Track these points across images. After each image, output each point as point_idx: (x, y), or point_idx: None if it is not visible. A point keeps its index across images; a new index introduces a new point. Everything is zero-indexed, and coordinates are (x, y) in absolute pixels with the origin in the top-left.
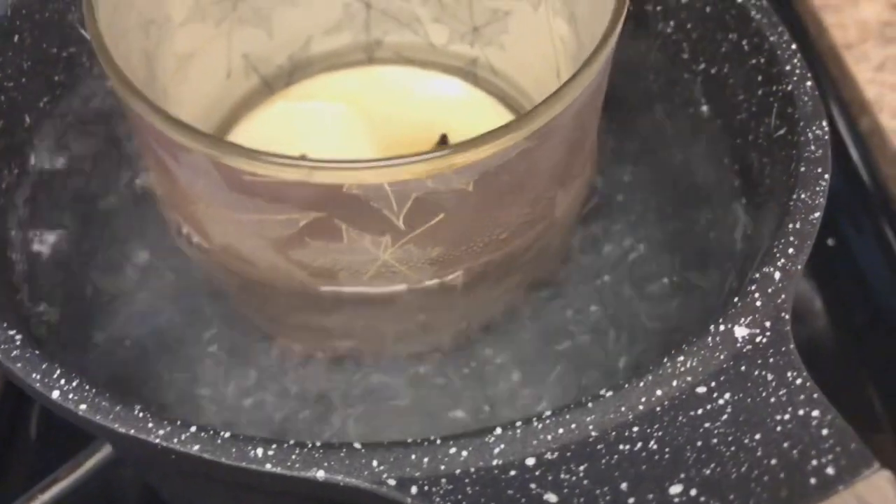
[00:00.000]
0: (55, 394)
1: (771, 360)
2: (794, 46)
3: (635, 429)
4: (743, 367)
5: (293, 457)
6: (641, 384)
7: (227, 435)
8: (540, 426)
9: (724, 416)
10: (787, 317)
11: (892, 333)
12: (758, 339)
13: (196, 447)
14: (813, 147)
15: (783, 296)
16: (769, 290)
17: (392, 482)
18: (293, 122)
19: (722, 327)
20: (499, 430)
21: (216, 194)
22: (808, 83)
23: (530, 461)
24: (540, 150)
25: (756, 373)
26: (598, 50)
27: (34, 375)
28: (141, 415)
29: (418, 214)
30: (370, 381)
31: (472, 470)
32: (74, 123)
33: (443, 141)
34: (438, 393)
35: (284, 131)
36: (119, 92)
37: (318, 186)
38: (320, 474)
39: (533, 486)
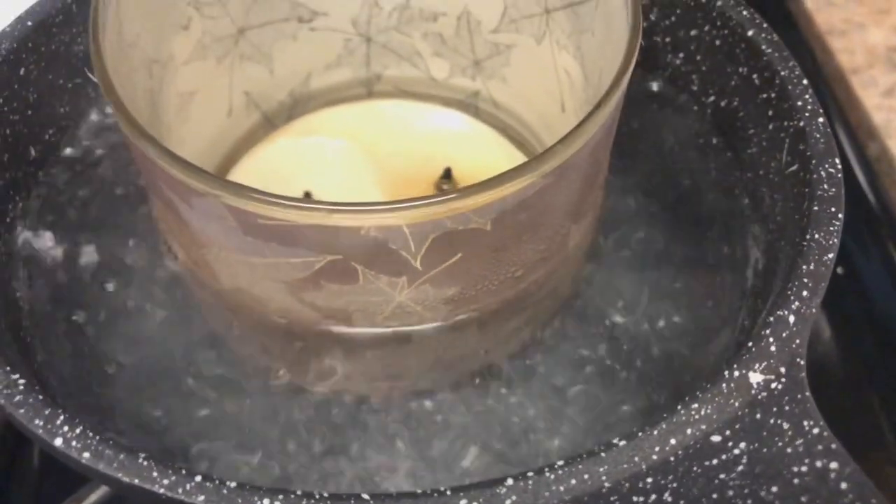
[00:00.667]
0: (58, 441)
1: (787, 408)
2: (805, 82)
3: (649, 479)
4: (758, 416)
5: None
6: (655, 433)
7: (233, 485)
8: (552, 476)
9: (740, 467)
10: (802, 362)
11: None
12: (773, 386)
13: (201, 497)
14: (826, 185)
15: (798, 340)
16: (784, 335)
17: None
18: (295, 157)
19: (736, 373)
20: (510, 481)
21: (229, 238)
22: (821, 119)
23: None
24: (556, 187)
25: (772, 421)
26: (613, 88)
27: (37, 421)
28: (145, 463)
29: (436, 255)
30: (378, 420)
31: None
32: (80, 156)
33: (447, 175)
34: (448, 431)
35: (287, 167)
36: (131, 137)
37: (336, 229)
38: None
39: None
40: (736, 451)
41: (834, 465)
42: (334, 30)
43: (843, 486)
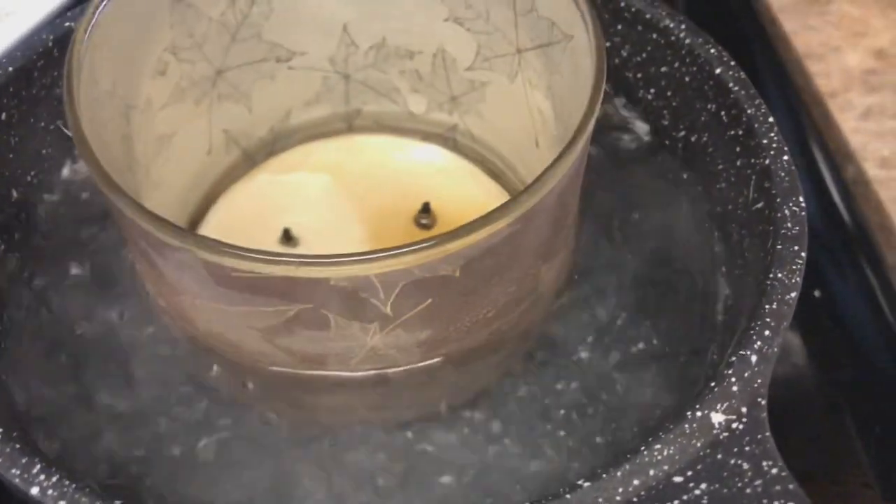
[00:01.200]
0: (34, 490)
1: (747, 448)
2: (770, 119)
3: None
4: (719, 456)
5: None
6: (619, 474)
7: None
8: None
9: None
10: (763, 402)
11: (877, 382)
12: (734, 426)
13: None
14: (790, 224)
15: (760, 380)
16: (745, 375)
17: None
18: (276, 194)
19: (699, 413)
20: None
21: (202, 288)
22: (786, 157)
23: None
24: (524, 232)
25: (732, 461)
26: (576, 137)
27: (13, 470)
28: None
29: (406, 301)
30: (358, 453)
31: None
32: (62, 199)
33: (425, 209)
34: (425, 465)
35: (267, 204)
36: (104, 190)
37: (306, 281)
38: None
39: None
40: (697, 492)
41: None
42: (312, 68)
43: None
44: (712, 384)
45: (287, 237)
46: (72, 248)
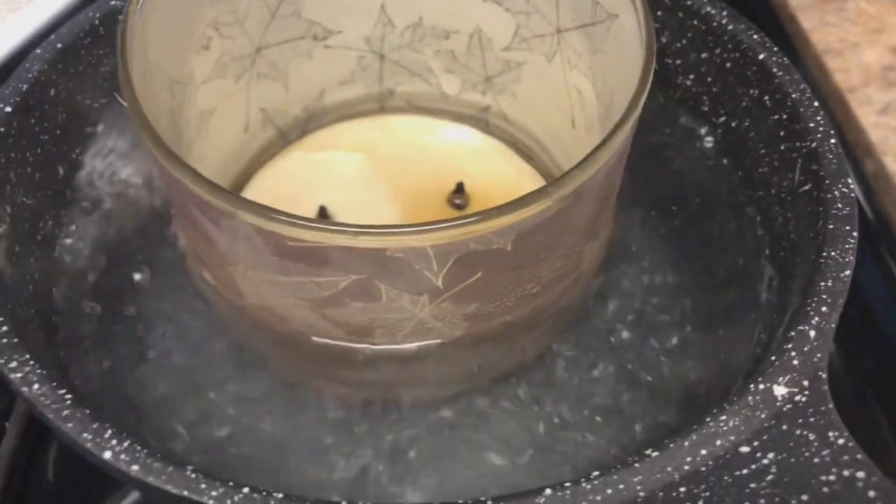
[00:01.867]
0: (107, 454)
1: (811, 419)
2: (816, 104)
3: (682, 489)
4: (784, 427)
5: None
6: (686, 443)
7: (280, 496)
8: (588, 487)
9: (770, 477)
10: (824, 376)
11: None
12: (797, 399)
13: None
14: (840, 204)
15: (819, 354)
16: (805, 349)
17: None
18: (310, 172)
19: (761, 386)
20: (549, 491)
21: (256, 258)
22: (832, 140)
23: None
24: (573, 208)
25: (798, 432)
26: (629, 112)
27: (85, 435)
28: (193, 476)
29: (457, 273)
30: (403, 427)
31: None
32: (107, 174)
33: (459, 189)
34: (470, 440)
35: (302, 182)
36: (160, 159)
37: (363, 251)
38: None
39: None
40: (765, 462)
41: (861, 474)
42: (348, 47)
43: (871, 494)
44: (773, 358)
45: (322, 214)
46: (119, 224)
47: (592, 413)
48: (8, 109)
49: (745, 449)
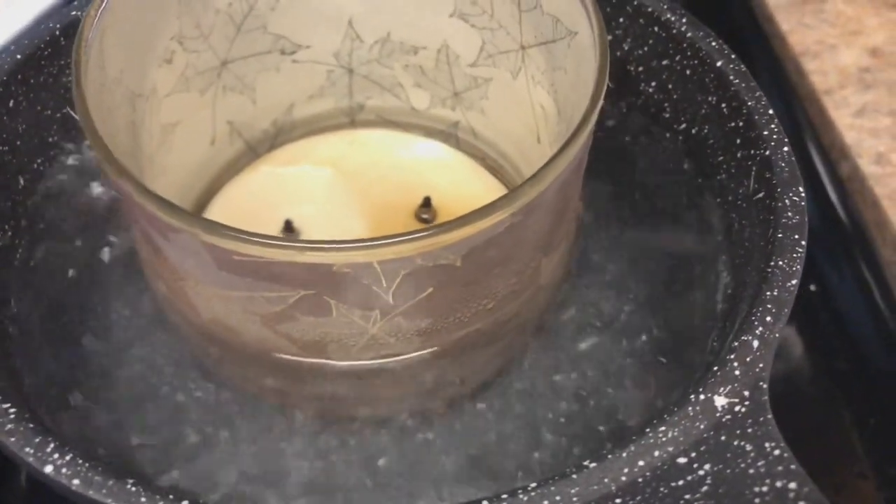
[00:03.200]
0: (48, 468)
1: (749, 430)
2: (770, 112)
3: (618, 500)
4: (723, 437)
5: None
6: (624, 455)
7: None
8: (525, 498)
9: (705, 488)
10: (764, 385)
11: (874, 376)
12: (737, 409)
13: None
14: (790, 213)
15: (761, 364)
16: (748, 359)
17: None
18: (278, 186)
19: (702, 396)
20: (485, 503)
21: (205, 272)
22: (786, 149)
23: None
24: (525, 224)
25: (735, 443)
26: (579, 130)
27: (27, 449)
28: (133, 489)
29: (407, 289)
30: (365, 441)
31: None
32: (67, 186)
33: (426, 203)
34: (427, 449)
35: (269, 196)
36: (109, 173)
37: (308, 265)
38: None
39: None
40: (701, 472)
41: (793, 485)
42: (317, 62)
43: None
44: (715, 368)
45: (288, 229)
46: (78, 237)
47: (556, 421)
48: None
49: (682, 460)
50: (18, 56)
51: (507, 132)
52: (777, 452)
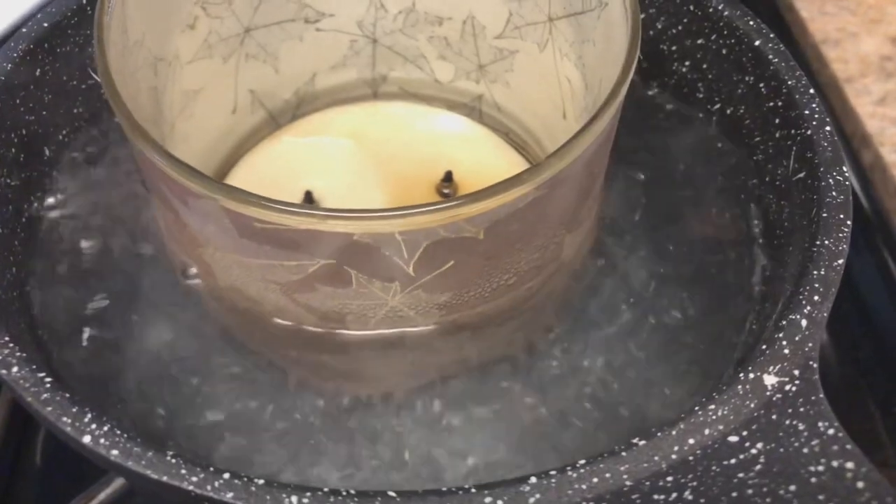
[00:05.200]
0: (86, 438)
1: (801, 409)
2: (812, 91)
3: (669, 478)
4: (774, 416)
5: None
6: (674, 433)
7: (261, 482)
8: (574, 475)
9: (758, 467)
10: (815, 365)
11: None
12: (787, 388)
13: (230, 494)
14: (835, 193)
15: (811, 343)
16: (797, 338)
17: None
18: (299, 156)
19: (751, 375)
20: (534, 479)
21: (225, 239)
22: (828, 128)
23: None
24: (549, 198)
25: (787, 422)
26: (609, 101)
27: (64, 419)
28: (173, 461)
29: (428, 261)
30: (386, 415)
31: None
32: (93, 156)
33: (447, 178)
34: (449, 430)
35: (290, 166)
36: (131, 137)
37: (329, 234)
38: None
39: None
40: (753, 451)
41: (850, 464)
42: (340, 31)
43: (860, 485)
44: (763, 347)
45: (308, 200)
46: (102, 208)
47: (582, 401)
48: None
49: (733, 438)
50: (45, 24)
51: (533, 107)
52: (831, 432)
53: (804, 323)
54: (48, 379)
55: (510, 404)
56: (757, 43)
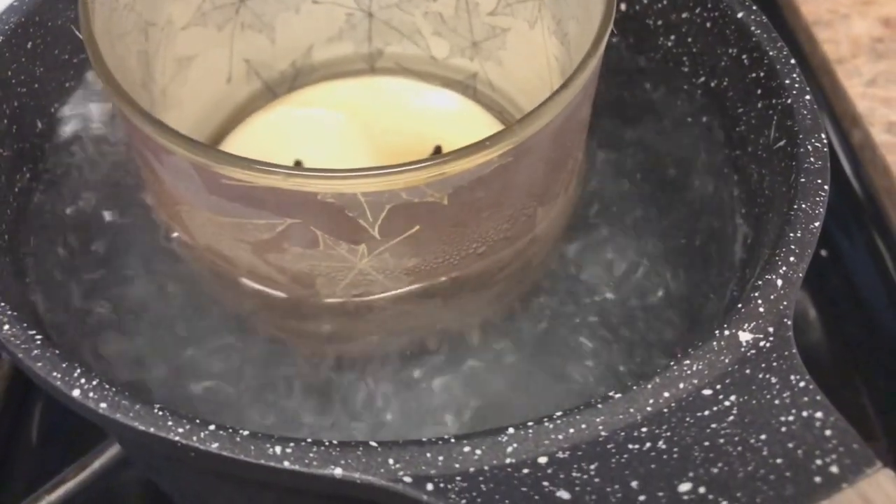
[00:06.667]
0: (75, 392)
1: (774, 364)
2: (792, 61)
3: (644, 429)
4: (748, 371)
5: (311, 454)
6: (649, 386)
7: (246, 433)
8: (551, 426)
9: (731, 418)
10: (789, 322)
11: (885, 342)
12: (761, 344)
13: (215, 445)
14: (812, 159)
15: (785, 302)
16: (771, 297)
17: (408, 479)
18: (292, 127)
19: (727, 332)
20: (511, 430)
21: (197, 196)
22: (807, 97)
23: (542, 460)
24: (516, 167)
25: (760, 376)
26: (575, 75)
27: (55, 374)
28: (160, 413)
29: (394, 225)
30: (354, 382)
31: (486, 468)
32: (83, 128)
33: (436, 152)
34: (426, 395)
35: (283, 137)
36: (106, 91)
37: (294, 193)
38: (337, 472)
39: (546, 483)
40: (727, 403)
41: (819, 414)
42: (336, 3)
43: (828, 433)
44: (739, 305)
45: None
46: (93, 177)
47: (559, 367)
48: None
49: (707, 392)
50: None
51: (524, 85)
52: (802, 385)
53: (779, 283)
54: (38, 336)
55: (484, 369)
56: (740, 15)
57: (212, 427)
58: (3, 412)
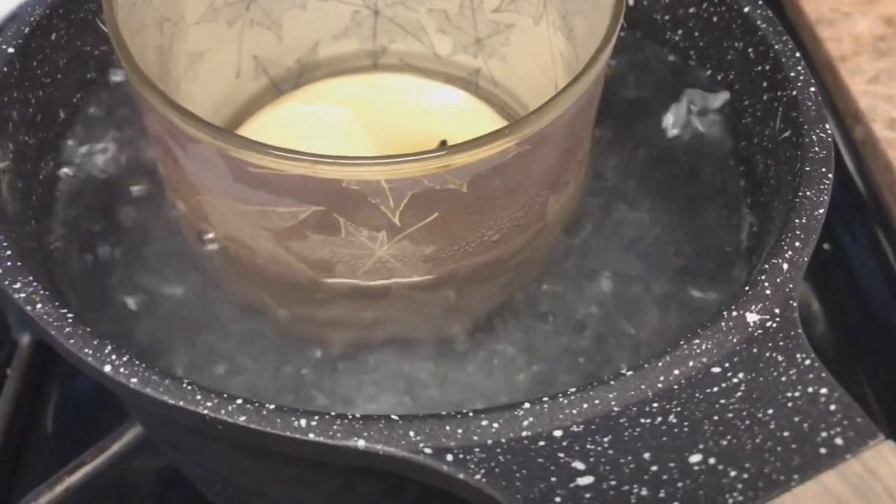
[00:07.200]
0: (107, 368)
1: (781, 343)
2: (797, 54)
3: (655, 404)
4: (755, 350)
5: (335, 427)
6: (660, 364)
7: (272, 406)
8: (565, 401)
9: (739, 393)
10: (794, 304)
11: (887, 335)
12: (768, 324)
13: (242, 418)
14: (817, 148)
15: (791, 285)
16: (778, 280)
17: (428, 451)
18: (298, 123)
19: (735, 313)
20: (527, 405)
21: (221, 185)
22: (812, 89)
23: (557, 433)
24: (532, 155)
25: (767, 354)
26: (590, 64)
27: (86, 350)
28: (189, 387)
29: (414, 212)
30: (369, 369)
31: (504, 440)
32: (105, 118)
33: (441, 147)
34: (440, 382)
35: (289, 132)
36: (132, 81)
37: (320, 181)
38: (360, 443)
39: (561, 455)
40: (735, 380)
41: (824, 390)
42: (343, 1)
43: (833, 407)
44: (746, 288)
45: None
46: (115, 166)
47: (571, 357)
48: (10, 50)
49: (716, 370)
50: None
51: (527, 81)
52: (808, 362)
53: (785, 266)
54: (70, 315)
55: (498, 356)
56: (746, 10)
57: (239, 401)
58: (19, 402)
